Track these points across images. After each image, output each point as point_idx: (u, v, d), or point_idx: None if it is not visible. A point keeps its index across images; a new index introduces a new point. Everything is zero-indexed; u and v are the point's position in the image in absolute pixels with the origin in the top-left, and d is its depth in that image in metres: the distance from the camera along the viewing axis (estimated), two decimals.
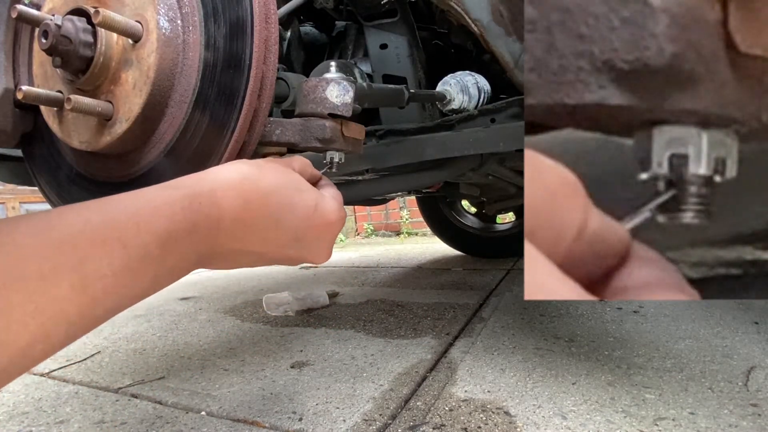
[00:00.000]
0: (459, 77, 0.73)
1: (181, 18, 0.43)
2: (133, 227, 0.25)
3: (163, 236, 0.27)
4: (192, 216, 0.29)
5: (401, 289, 1.51)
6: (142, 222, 0.26)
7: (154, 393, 0.80)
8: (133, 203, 0.26)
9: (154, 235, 0.26)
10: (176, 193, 0.28)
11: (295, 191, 0.36)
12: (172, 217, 0.27)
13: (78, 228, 0.23)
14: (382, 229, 3.83)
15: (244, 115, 0.42)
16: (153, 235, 0.26)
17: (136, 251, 0.25)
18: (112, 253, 0.24)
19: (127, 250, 0.24)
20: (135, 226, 0.25)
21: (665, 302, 1.11)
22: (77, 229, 0.23)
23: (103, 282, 0.23)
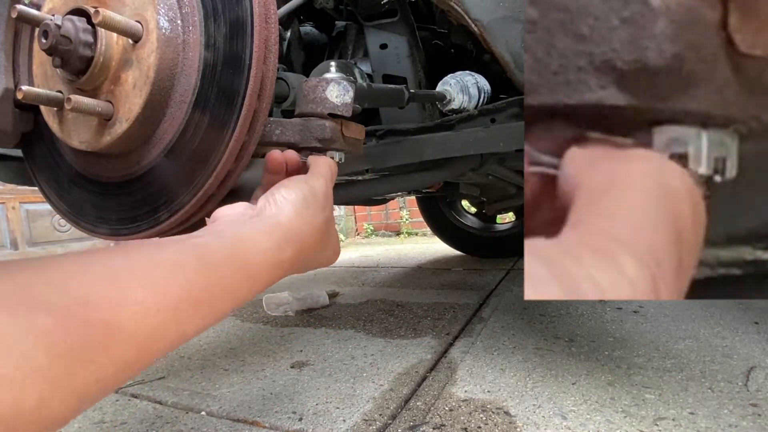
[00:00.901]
0: (459, 77, 0.73)
1: (181, 18, 0.43)
2: (224, 298, 0.29)
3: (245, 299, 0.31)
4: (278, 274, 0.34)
5: (401, 289, 1.51)
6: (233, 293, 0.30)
7: (154, 393, 0.80)
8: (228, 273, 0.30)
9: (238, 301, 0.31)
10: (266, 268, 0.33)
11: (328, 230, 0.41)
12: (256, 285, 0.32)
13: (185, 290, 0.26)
14: (382, 229, 3.83)
15: (244, 115, 0.42)
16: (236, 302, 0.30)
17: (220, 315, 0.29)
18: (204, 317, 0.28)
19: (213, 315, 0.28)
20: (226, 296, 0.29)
21: (665, 302, 1.11)
22: (185, 290, 0.26)
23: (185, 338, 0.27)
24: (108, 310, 0.22)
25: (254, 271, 0.31)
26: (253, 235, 0.33)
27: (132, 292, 0.24)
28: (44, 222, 2.81)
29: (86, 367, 0.20)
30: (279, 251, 0.33)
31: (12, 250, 2.63)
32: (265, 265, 0.32)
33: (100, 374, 0.21)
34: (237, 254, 0.30)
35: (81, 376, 0.20)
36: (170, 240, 0.29)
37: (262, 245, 0.32)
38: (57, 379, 0.19)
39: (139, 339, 0.23)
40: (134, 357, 0.23)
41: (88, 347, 0.21)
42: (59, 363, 0.19)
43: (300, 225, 0.36)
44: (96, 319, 0.21)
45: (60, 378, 0.19)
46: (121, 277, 0.24)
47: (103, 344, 0.21)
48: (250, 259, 0.31)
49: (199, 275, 0.27)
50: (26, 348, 0.18)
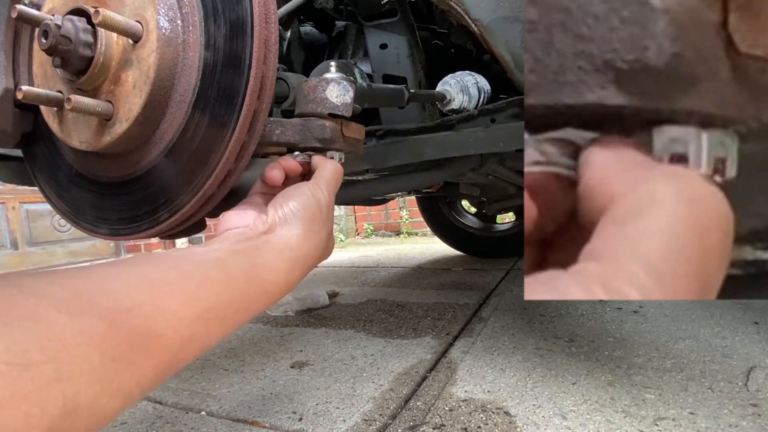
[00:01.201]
0: (459, 77, 0.73)
1: (181, 18, 0.43)
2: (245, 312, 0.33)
3: (257, 313, 0.35)
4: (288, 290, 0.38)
5: (401, 289, 1.51)
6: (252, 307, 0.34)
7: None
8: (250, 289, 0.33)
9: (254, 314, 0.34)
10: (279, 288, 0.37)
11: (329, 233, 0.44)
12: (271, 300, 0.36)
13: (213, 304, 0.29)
14: (382, 229, 3.83)
15: (244, 115, 0.42)
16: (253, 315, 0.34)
17: (238, 326, 0.32)
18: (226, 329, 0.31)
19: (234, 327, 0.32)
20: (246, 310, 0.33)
21: (665, 302, 1.11)
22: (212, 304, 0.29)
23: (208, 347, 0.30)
24: (150, 319, 0.24)
25: (268, 289, 0.35)
26: (267, 258, 0.36)
27: (169, 303, 0.26)
28: (44, 222, 2.81)
29: (131, 370, 0.22)
30: (289, 273, 0.37)
31: (12, 250, 2.63)
32: (278, 284, 0.36)
33: (142, 378, 0.23)
34: (254, 274, 0.34)
35: (126, 378, 0.22)
36: (195, 253, 0.32)
37: (275, 266, 0.36)
38: (108, 379, 0.21)
39: (174, 347, 0.26)
40: (169, 363, 0.25)
41: (133, 352, 0.23)
42: (110, 364, 0.21)
43: (309, 248, 0.39)
44: (140, 326, 0.24)
45: (110, 378, 0.21)
46: (158, 288, 0.27)
47: (145, 350, 0.23)
48: (265, 278, 0.35)
49: (223, 291, 0.30)
50: (85, 349, 0.20)
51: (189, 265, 0.30)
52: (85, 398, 0.19)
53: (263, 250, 0.36)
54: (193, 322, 0.27)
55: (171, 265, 0.29)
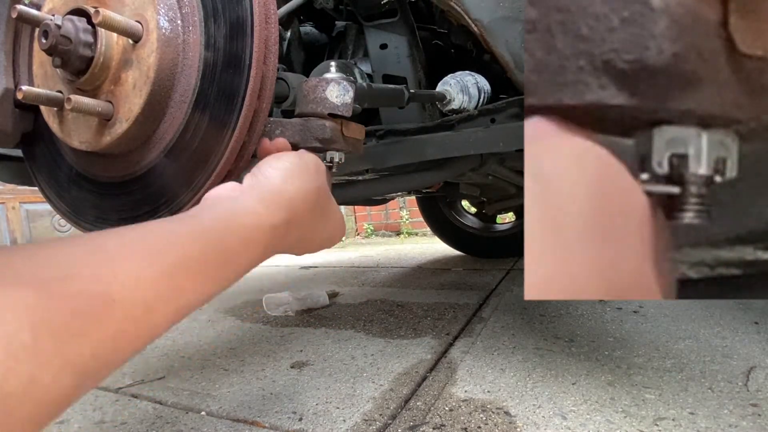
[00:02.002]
0: (459, 77, 0.73)
1: (181, 18, 0.43)
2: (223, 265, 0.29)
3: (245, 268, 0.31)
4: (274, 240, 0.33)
5: (401, 289, 1.51)
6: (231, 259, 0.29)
7: (154, 393, 0.80)
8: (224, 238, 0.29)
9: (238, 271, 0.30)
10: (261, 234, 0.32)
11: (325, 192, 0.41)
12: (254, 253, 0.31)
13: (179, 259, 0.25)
14: (382, 229, 3.83)
15: (244, 115, 0.42)
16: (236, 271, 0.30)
17: (221, 284, 0.29)
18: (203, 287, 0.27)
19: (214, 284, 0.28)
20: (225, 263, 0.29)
21: (665, 302, 1.11)
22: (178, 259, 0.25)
23: (188, 309, 0.26)
24: (96, 283, 0.21)
25: (248, 235, 0.31)
26: (243, 201, 0.33)
27: (121, 264, 0.23)
28: (44, 222, 2.81)
29: (78, 342, 0.20)
30: (271, 214, 0.33)
31: None
32: (259, 228, 0.32)
33: (97, 349, 0.20)
34: (229, 220, 0.30)
35: (74, 352, 0.19)
36: (160, 219, 0.28)
37: (252, 208, 0.32)
38: (45, 355, 0.18)
39: (136, 312, 0.22)
40: (133, 331, 0.22)
41: (78, 321, 0.20)
42: (45, 339, 0.18)
43: (289, 188, 0.36)
44: (83, 291, 0.21)
45: (48, 354, 0.18)
46: (109, 251, 0.23)
47: (95, 317, 0.20)
48: (242, 223, 0.31)
49: (192, 243, 0.27)
50: (9, 326, 0.17)
51: (150, 225, 0.27)
52: (17, 382, 0.17)
53: (239, 199, 0.33)
54: (155, 280, 0.24)
55: (128, 229, 0.26)
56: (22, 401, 0.17)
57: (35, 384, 0.17)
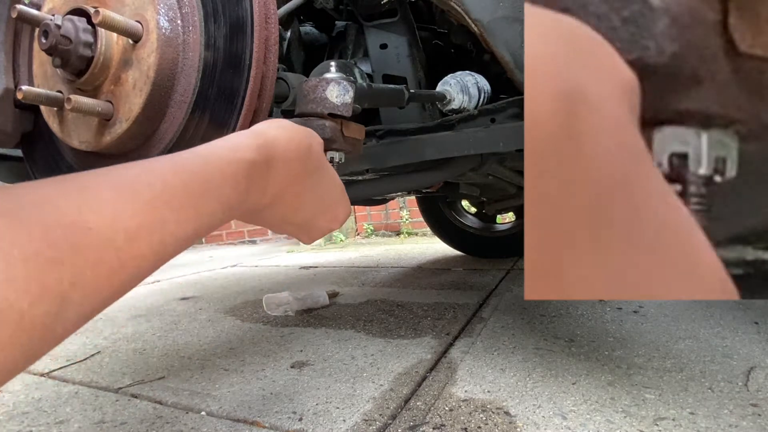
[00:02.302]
0: (459, 77, 0.73)
1: (181, 18, 0.43)
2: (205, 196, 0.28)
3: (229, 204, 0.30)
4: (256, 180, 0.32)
5: (401, 289, 1.51)
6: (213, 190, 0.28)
7: (154, 393, 0.80)
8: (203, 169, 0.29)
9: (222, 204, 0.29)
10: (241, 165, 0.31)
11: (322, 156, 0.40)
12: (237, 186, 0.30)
13: (158, 190, 0.25)
14: (382, 229, 3.83)
15: (244, 115, 0.42)
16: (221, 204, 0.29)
17: (206, 219, 0.28)
18: (187, 219, 0.26)
19: (198, 217, 0.27)
20: (206, 193, 0.28)
21: (665, 302, 1.11)
22: (158, 191, 0.25)
23: (175, 242, 0.26)
24: (71, 212, 0.21)
25: (227, 167, 0.30)
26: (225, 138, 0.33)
27: (99, 195, 0.22)
28: None
29: (56, 269, 0.19)
30: (248, 148, 0.32)
31: None
32: (238, 161, 0.31)
33: (77, 278, 0.20)
34: (208, 155, 0.30)
35: (52, 279, 0.19)
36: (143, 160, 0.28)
37: (233, 143, 0.32)
38: (20, 280, 0.18)
39: (118, 242, 0.22)
40: (117, 262, 0.22)
41: (53, 248, 0.19)
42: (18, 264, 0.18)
43: (272, 129, 0.35)
44: (57, 220, 0.20)
45: (24, 279, 0.18)
46: (84, 184, 0.23)
47: (71, 244, 0.20)
48: (219, 155, 0.30)
49: (172, 176, 0.26)
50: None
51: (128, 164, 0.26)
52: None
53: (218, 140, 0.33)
54: (136, 211, 0.23)
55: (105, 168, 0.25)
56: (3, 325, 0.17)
57: (11, 309, 0.17)
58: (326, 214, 0.41)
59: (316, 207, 0.40)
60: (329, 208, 0.41)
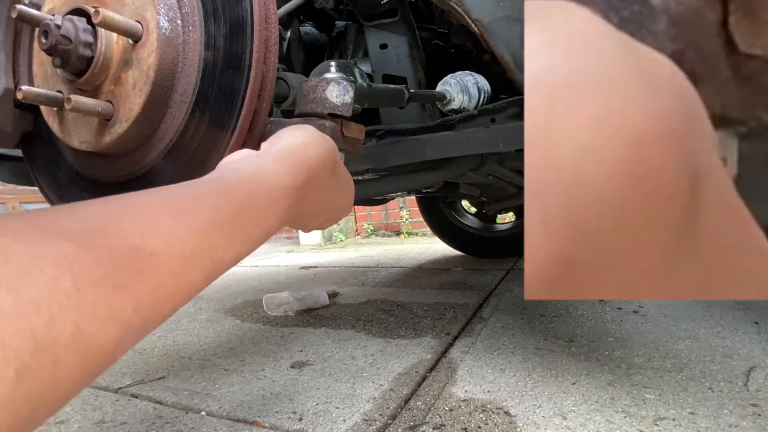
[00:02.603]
0: (459, 77, 0.73)
1: (181, 18, 0.43)
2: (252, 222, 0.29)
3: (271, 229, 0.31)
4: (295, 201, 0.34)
5: (401, 289, 1.51)
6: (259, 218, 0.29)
7: (154, 393, 0.80)
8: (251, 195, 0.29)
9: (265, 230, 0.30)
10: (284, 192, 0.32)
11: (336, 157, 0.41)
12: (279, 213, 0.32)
13: (212, 216, 0.25)
14: (382, 229, 3.83)
15: (244, 115, 0.42)
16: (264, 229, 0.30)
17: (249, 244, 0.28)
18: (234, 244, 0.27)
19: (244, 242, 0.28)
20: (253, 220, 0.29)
21: (665, 302, 1.11)
22: (211, 216, 0.25)
23: (221, 267, 0.26)
24: (135, 237, 0.21)
25: (274, 194, 0.31)
26: (265, 163, 0.33)
27: (157, 220, 0.23)
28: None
29: (121, 294, 0.19)
30: (292, 175, 0.33)
31: None
32: (282, 188, 0.32)
33: (139, 303, 0.20)
34: (254, 180, 0.31)
35: (117, 304, 0.19)
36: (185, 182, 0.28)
37: (274, 169, 0.33)
38: (89, 305, 0.18)
39: (173, 266, 0.22)
40: (172, 286, 0.22)
41: (119, 273, 0.19)
42: (89, 289, 0.18)
43: (308, 152, 0.36)
44: (122, 245, 0.20)
45: (92, 304, 0.18)
46: (144, 207, 0.23)
47: (135, 270, 0.20)
48: (265, 182, 0.31)
49: (223, 201, 0.27)
50: (50, 273, 0.17)
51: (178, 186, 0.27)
52: (63, 329, 0.16)
53: (258, 161, 0.34)
54: (191, 236, 0.23)
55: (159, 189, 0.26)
56: (69, 349, 0.16)
57: (81, 333, 0.17)
58: (342, 211, 0.43)
59: (337, 207, 0.42)
60: (344, 206, 0.43)
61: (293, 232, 3.94)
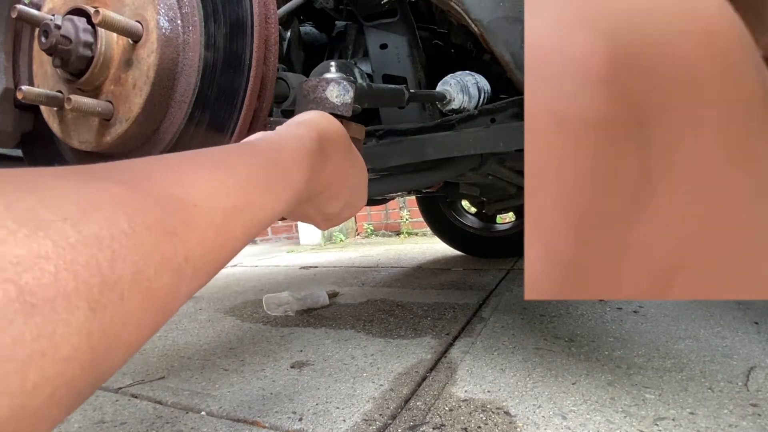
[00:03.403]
0: (459, 77, 0.73)
1: (181, 18, 0.43)
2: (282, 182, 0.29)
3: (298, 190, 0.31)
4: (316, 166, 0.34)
5: (401, 289, 1.51)
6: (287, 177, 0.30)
7: (154, 393, 0.80)
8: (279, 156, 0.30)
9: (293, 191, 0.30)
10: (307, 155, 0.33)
11: None
12: (304, 175, 0.32)
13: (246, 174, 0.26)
14: (382, 229, 3.83)
15: (244, 115, 0.42)
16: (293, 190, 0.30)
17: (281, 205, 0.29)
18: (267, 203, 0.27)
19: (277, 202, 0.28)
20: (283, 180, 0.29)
21: (665, 302, 1.11)
22: (245, 174, 0.26)
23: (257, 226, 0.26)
24: (177, 187, 0.21)
25: (298, 156, 0.32)
26: (287, 130, 0.35)
27: (199, 173, 0.23)
28: None
29: (173, 241, 0.19)
30: (311, 140, 0.34)
31: None
32: (303, 149, 0.33)
33: (189, 252, 0.19)
34: (279, 142, 0.32)
35: (170, 250, 0.18)
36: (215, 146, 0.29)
37: (297, 133, 0.34)
38: (147, 247, 0.17)
39: (217, 218, 0.22)
40: (216, 239, 0.22)
41: (167, 220, 0.19)
42: (143, 231, 0.17)
43: (322, 121, 0.38)
44: (166, 194, 0.20)
45: (149, 246, 0.17)
46: (186, 162, 0.23)
47: (181, 218, 0.20)
48: (289, 144, 0.32)
49: (255, 160, 0.27)
50: (108, 212, 0.16)
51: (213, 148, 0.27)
52: (125, 267, 0.16)
53: (281, 129, 0.35)
54: (230, 190, 0.23)
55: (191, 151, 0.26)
56: (132, 289, 0.16)
57: (141, 274, 0.17)
58: (353, 202, 0.43)
59: (349, 195, 0.42)
60: (357, 196, 0.43)
61: (293, 232, 3.94)
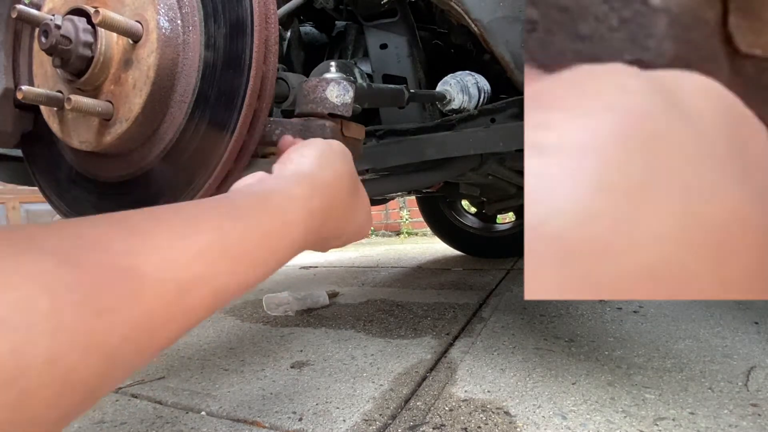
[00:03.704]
0: (459, 77, 0.73)
1: (181, 18, 0.43)
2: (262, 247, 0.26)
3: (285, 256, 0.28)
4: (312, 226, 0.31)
5: (401, 289, 1.51)
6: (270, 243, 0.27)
7: (154, 393, 0.80)
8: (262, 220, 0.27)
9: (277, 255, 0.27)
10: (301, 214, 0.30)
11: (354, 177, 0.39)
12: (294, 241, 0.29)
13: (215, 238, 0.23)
14: (382, 229, 3.83)
15: (244, 115, 0.42)
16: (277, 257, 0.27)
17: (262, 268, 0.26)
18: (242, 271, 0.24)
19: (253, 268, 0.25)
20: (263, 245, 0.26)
21: (665, 302, 1.11)
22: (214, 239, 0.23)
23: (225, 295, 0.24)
24: (127, 256, 0.19)
25: (289, 218, 0.29)
26: (280, 185, 0.31)
27: (152, 240, 0.20)
28: (44, 222, 2.82)
29: (107, 319, 0.17)
30: (308, 199, 0.31)
31: None
32: (298, 211, 0.30)
33: (128, 330, 0.18)
34: (266, 202, 0.28)
35: (101, 330, 0.17)
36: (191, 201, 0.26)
37: (290, 192, 0.30)
38: (67, 330, 0.15)
39: (170, 292, 0.20)
40: (166, 313, 0.19)
41: (104, 295, 0.17)
42: (67, 310, 0.15)
43: (323, 172, 0.34)
44: (109, 264, 0.18)
45: (71, 329, 0.15)
46: (138, 226, 0.21)
47: (123, 292, 0.18)
48: (279, 205, 0.29)
49: (233, 223, 0.24)
50: (21, 291, 0.15)
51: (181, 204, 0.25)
52: (34, 355, 0.14)
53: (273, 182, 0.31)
54: (189, 259, 0.21)
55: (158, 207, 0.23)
56: (43, 380, 0.14)
57: (58, 361, 0.15)
58: (361, 231, 0.41)
59: (355, 228, 0.39)
60: (363, 225, 0.41)
61: None
